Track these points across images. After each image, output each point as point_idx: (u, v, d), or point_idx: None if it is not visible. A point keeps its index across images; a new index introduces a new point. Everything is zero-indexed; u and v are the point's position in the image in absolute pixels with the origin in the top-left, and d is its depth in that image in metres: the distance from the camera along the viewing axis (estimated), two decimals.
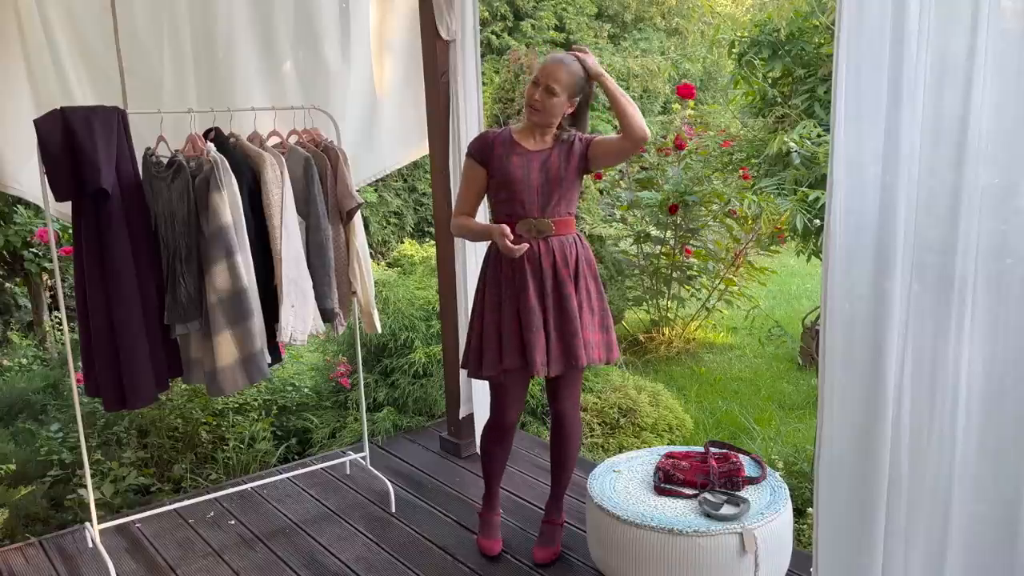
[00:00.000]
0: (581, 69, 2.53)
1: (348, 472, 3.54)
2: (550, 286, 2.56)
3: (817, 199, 4.50)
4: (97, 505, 2.94)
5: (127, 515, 3.09)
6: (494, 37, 11.61)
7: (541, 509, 2.98)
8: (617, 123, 2.48)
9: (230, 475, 3.64)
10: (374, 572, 2.80)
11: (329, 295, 2.86)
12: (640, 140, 2.49)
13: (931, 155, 1.60)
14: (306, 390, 4.17)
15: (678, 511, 2.49)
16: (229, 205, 2.57)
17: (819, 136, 4.86)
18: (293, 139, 2.94)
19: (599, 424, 4.12)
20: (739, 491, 2.59)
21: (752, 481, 2.63)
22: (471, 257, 3.39)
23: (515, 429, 2.83)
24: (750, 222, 5.61)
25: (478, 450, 3.63)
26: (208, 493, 3.32)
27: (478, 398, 3.56)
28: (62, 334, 4.82)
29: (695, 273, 5.95)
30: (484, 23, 11.45)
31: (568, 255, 2.59)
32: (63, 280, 4.80)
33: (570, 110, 2.57)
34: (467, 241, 3.34)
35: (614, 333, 2.68)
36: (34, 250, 4.80)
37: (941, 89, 1.57)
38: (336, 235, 2.91)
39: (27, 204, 4.63)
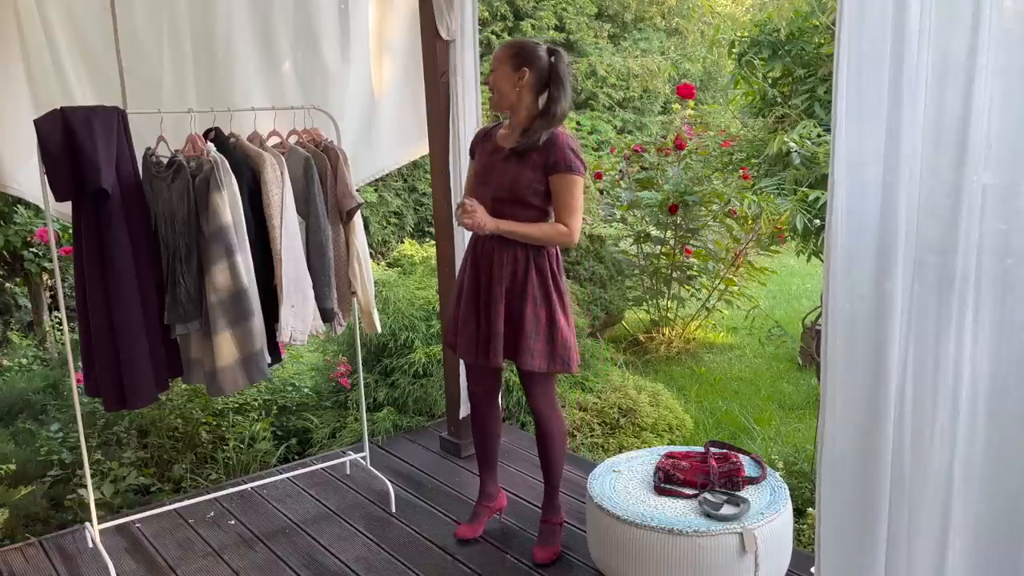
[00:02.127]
0: (529, 43, 2.53)
1: (348, 472, 3.54)
2: (484, 285, 2.61)
3: (817, 199, 4.49)
4: (97, 505, 2.94)
5: (127, 515, 3.09)
6: (494, 37, 11.60)
7: (540, 509, 2.98)
8: (616, 125, 2.48)
9: (230, 475, 3.64)
10: (374, 572, 2.80)
11: (329, 295, 2.86)
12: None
13: (932, 155, 1.59)
14: (306, 390, 4.17)
15: (678, 511, 2.49)
16: (229, 205, 2.57)
17: (819, 136, 4.86)
18: (293, 139, 2.94)
19: (599, 424, 4.12)
20: (739, 491, 2.58)
21: (752, 481, 2.63)
22: None
23: (489, 407, 2.87)
24: (750, 222, 5.61)
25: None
26: (208, 493, 3.32)
27: None
28: (62, 334, 4.81)
29: (695, 273, 5.96)
30: (484, 23, 11.44)
31: (510, 261, 2.57)
32: (63, 280, 4.79)
33: (520, 82, 2.51)
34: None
35: (563, 347, 2.58)
36: (34, 250, 4.80)
37: (942, 89, 1.56)
38: (336, 235, 2.91)
39: (27, 204, 4.63)
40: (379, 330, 3.08)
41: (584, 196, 6.07)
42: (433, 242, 4.36)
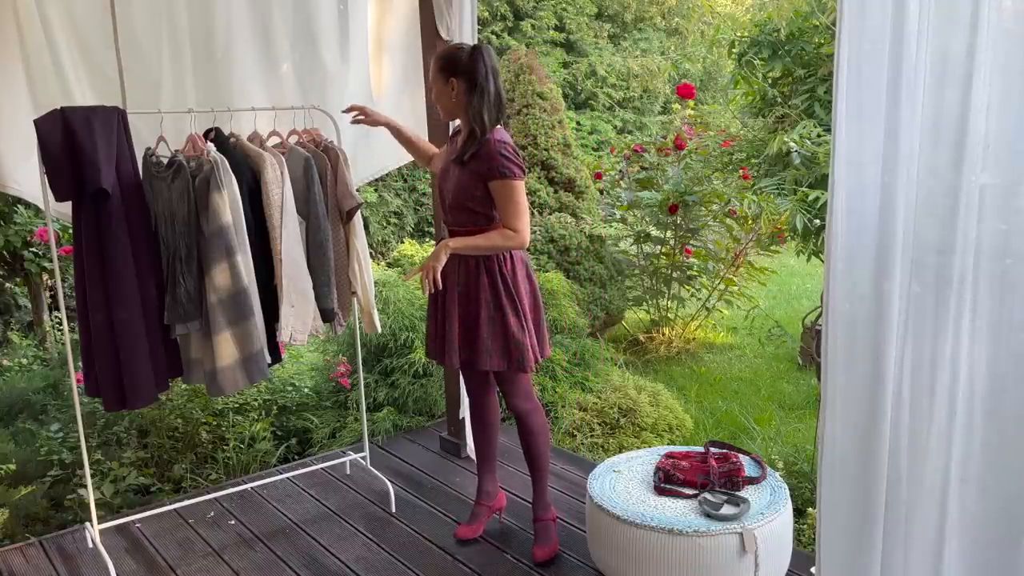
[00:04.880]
0: (449, 51, 2.57)
1: (348, 472, 3.54)
2: (438, 288, 2.64)
3: (817, 199, 4.50)
4: (97, 505, 2.94)
5: (127, 515, 3.09)
6: (494, 37, 11.61)
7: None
8: (616, 125, 2.50)
9: (230, 475, 3.64)
10: (374, 572, 2.80)
11: (329, 295, 2.86)
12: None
13: (931, 155, 1.59)
14: (306, 390, 4.18)
15: (678, 511, 2.49)
16: (229, 205, 2.57)
17: (819, 136, 4.86)
18: (293, 139, 2.94)
19: (599, 424, 4.12)
20: (739, 491, 2.58)
21: (752, 481, 2.63)
22: None
23: (484, 397, 2.92)
24: (750, 222, 5.61)
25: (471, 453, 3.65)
26: (208, 493, 3.32)
27: None
28: (62, 334, 4.82)
29: (695, 273, 5.96)
30: (484, 23, 11.45)
31: (461, 266, 2.62)
32: (63, 280, 4.80)
33: (454, 92, 2.54)
34: None
35: (518, 346, 2.61)
36: (34, 250, 4.80)
37: (941, 89, 1.56)
38: (336, 235, 2.91)
39: (27, 204, 4.63)
40: (379, 330, 3.08)
41: (584, 196, 6.05)
42: (433, 242, 4.35)
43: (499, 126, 2.58)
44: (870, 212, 1.64)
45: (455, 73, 2.53)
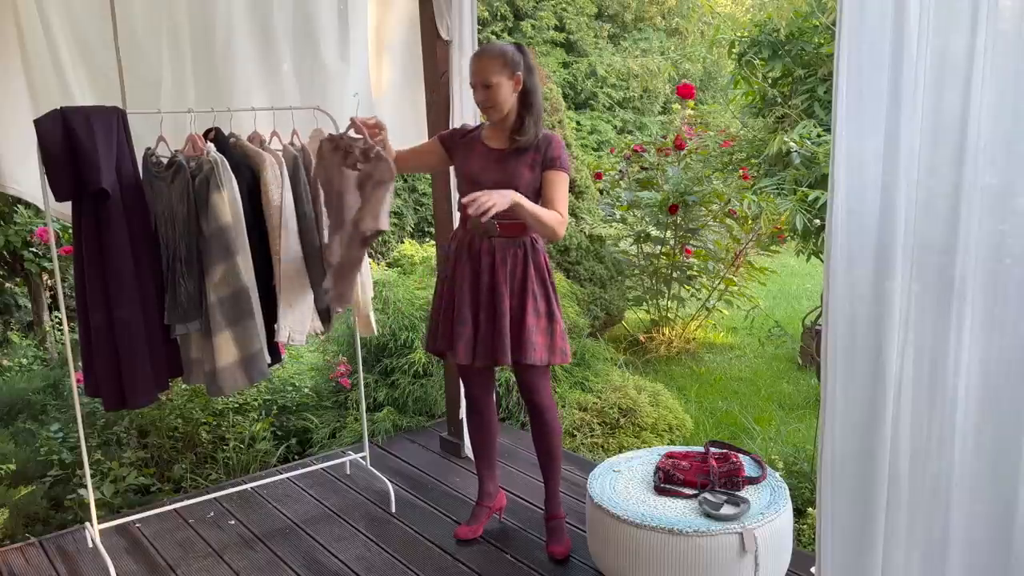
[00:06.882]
0: (506, 47, 2.60)
1: (348, 472, 3.54)
2: (486, 284, 2.65)
3: (817, 199, 4.50)
4: (97, 505, 2.94)
5: (127, 515, 3.09)
6: (494, 37, 11.61)
7: (541, 509, 2.98)
8: (616, 125, 2.51)
9: (230, 475, 3.64)
10: (374, 572, 2.80)
11: (327, 295, 2.86)
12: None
13: (931, 155, 1.59)
14: (306, 390, 4.18)
15: (678, 511, 2.49)
16: (229, 205, 2.57)
17: (819, 136, 4.86)
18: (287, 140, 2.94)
19: (599, 424, 4.12)
20: (739, 491, 2.58)
21: (752, 481, 2.63)
22: None
23: (487, 401, 2.92)
24: (750, 222, 5.61)
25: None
26: (208, 493, 3.32)
27: None
28: (62, 334, 4.81)
29: (695, 273, 5.96)
30: (484, 23, 11.46)
31: (511, 258, 2.64)
32: (63, 280, 4.79)
33: (518, 87, 2.57)
34: None
35: (562, 339, 2.69)
36: (34, 250, 4.80)
37: (941, 89, 1.56)
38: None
39: (27, 204, 4.63)
40: (376, 331, 3.09)
41: (584, 196, 6.06)
42: (433, 242, 4.35)
43: None
44: (870, 212, 1.64)
45: (517, 67, 2.57)
